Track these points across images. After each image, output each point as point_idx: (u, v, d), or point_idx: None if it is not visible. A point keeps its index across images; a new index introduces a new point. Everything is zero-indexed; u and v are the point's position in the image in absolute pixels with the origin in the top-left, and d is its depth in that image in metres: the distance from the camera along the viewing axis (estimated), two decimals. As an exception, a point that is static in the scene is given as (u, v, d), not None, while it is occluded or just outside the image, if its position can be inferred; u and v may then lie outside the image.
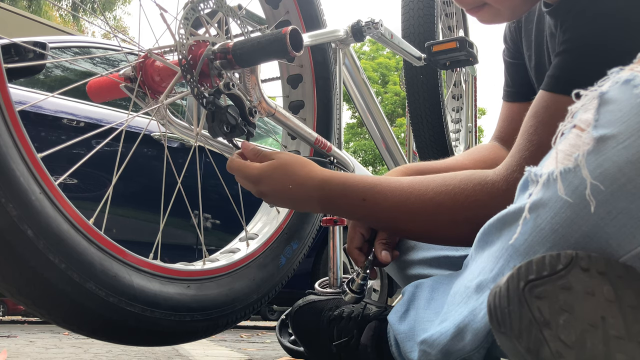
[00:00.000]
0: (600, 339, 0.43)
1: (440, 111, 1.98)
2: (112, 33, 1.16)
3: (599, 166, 0.46)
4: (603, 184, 0.46)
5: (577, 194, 0.47)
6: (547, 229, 0.50)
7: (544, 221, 0.50)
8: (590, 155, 0.47)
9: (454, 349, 0.62)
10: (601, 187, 0.46)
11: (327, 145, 1.19)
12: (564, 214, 0.49)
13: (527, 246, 0.52)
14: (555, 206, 0.49)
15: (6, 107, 0.68)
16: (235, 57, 0.88)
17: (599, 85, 0.49)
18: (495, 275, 0.58)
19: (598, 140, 0.46)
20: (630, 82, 0.47)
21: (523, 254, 0.53)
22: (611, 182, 0.45)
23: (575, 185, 0.48)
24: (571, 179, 0.48)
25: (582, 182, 0.47)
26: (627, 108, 0.46)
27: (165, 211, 1.02)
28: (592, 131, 0.47)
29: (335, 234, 1.21)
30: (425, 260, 0.87)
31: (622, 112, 0.46)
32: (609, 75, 0.49)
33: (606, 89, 0.48)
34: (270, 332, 3.34)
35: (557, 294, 0.45)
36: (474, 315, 0.59)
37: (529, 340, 0.45)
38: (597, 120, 0.47)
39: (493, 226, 0.60)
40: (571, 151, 0.48)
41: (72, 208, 0.75)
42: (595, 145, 0.47)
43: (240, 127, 0.91)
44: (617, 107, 0.46)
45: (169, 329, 0.87)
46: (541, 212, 0.51)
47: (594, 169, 0.46)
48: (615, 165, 0.45)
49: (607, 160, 0.46)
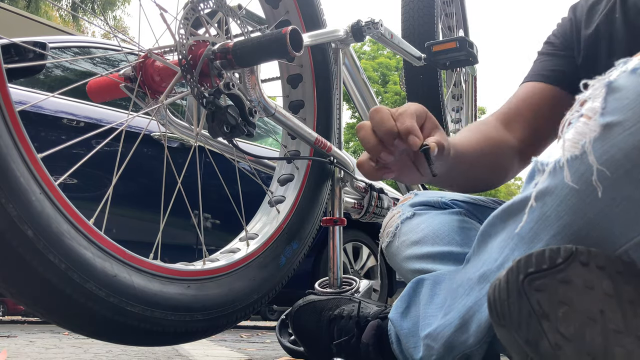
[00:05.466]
0: (598, 332, 0.44)
1: (440, 111, 1.98)
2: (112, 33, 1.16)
3: (605, 152, 0.46)
4: (609, 170, 0.46)
5: (583, 180, 0.48)
6: (552, 216, 0.51)
7: (550, 208, 0.51)
8: (596, 142, 0.47)
9: (458, 341, 0.62)
10: (607, 172, 0.46)
11: (327, 145, 1.19)
12: (569, 201, 0.49)
13: (532, 234, 0.53)
14: (561, 193, 0.50)
15: (6, 107, 0.68)
16: (235, 57, 0.88)
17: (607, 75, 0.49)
18: (500, 265, 0.58)
19: (605, 127, 0.47)
20: (637, 71, 0.47)
21: (528, 242, 0.53)
22: (617, 168, 0.46)
23: (581, 172, 0.48)
24: (577, 165, 0.48)
25: (588, 168, 0.47)
26: (634, 95, 0.46)
27: (165, 211, 1.02)
28: (599, 118, 0.47)
29: (335, 234, 1.21)
30: (430, 255, 0.87)
31: (629, 100, 0.46)
32: (617, 65, 0.50)
33: (614, 78, 0.48)
34: (270, 332, 3.34)
35: (557, 287, 0.45)
36: (478, 306, 0.59)
37: (528, 332, 0.45)
38: (604, 108, 0.48)
39: (497, 218, 0.60)
40: (578, 139, 0.49)
41: (72, 208, 0.75)
42: (601, 132, 0.47)
43: (240, 127, 0.91)
44: (624, 95, 0.47)
45: (169, 328, 0.87)
46: (547, 200, 0.51)
47: (600, 155, 0.47)
48: (622, 151, 0.45)
49: (613, 146, 0.46)
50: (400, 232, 0.93)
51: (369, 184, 1.41)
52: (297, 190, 1.24)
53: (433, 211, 0.93)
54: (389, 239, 0.95)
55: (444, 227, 0.87)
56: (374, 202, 1.41)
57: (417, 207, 0.96)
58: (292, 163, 1.28)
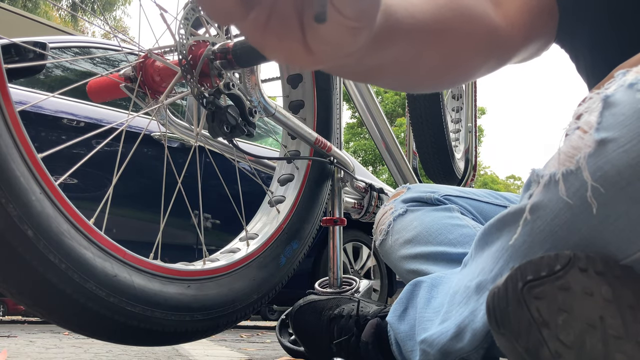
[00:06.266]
0: (599, 338, 0.44)
1: (440, 111, 1.98)
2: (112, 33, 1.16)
3: (599, 169, 0.46)
4: (603, 186, 0.46)
5: (578, 196, 0.47)
6: (546, 231, 0.50)
7: (544, 223, 0.50)
8: (591, 158, 0.47)
9: (453, 349, 0.62)
10: (601, 189, 0.46)
11: (327, 145, 1.19)
12: (563, 216, 0.49)
13: (526, 247, 0.53)
14: (555, 208, 0.49)
15: (6, 107, 0.68)
16: (235, 57, 0.88)
17: (605, 88, 0.49)
18: (495, 276, 0.58)
19: (599, 143, 0.46)
20: (634, 86, 0.47)
21: (522, 255, 0.53)
22: (611, 185, 0.45)
23: (576, 187, 0.48)
24: (572, 180, 0.48)
25: (582, 184, 0.47)
26: (630, 112, 0.46)
27: (165, 211, 1.02)
28: (594, 133, 0.47)
29: (335, 234, 1.21)
30: (423, 255, 0.87)
31: (625, 116, 0.46)
32: (615, 78, 0.49)
33: (611, 92, 0.48)
34: (270, 332, 3.34)
35: (556, 294, 0.45)
36: (474, 316, 0.59)
37: (528, 340, 0.45)
38: (599, 123, 0.47)
39: (493, 226, 0.60)
40: (573, 153, 0.48)
41: (72, 208, 0.75)
42: (596, 148, 0.46)
43: (241, 127, 0.91)
44: (620, 111, 0.46)
45: (169, 328, 0.87)
46: (542, 213, 0.51)
47: (595, 171, 0.46)
48: (615, 169, 0.45)
49: (607, 163, 0.46)
50: (392, 230, 0.93)
51: (369, 183, 1.41)
52: (297, 190, 1.24)
53: (426, 207, 0.93)
54: (382, 236, 0.95)
55: (436, 226, 0.87)
56: (374, 202, 1.41)
57: (409, 204, 0.95)
58: (292, 163, 1.28)
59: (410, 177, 1.79)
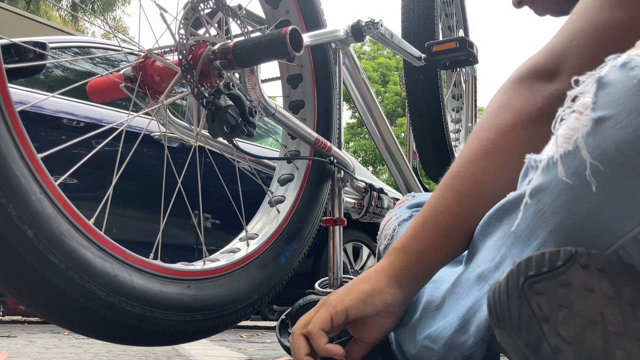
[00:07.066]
0: (599, 335, 0.44)
1: (440, 111, 1.98)
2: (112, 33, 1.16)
3: (598, 147, 0.47)
4: (602, 164, 0.46)
5: (577, 175, 0.48)
6: (548, 213, 0.51)
7: (545, 205, 0.51)
8: (589, 137, 0.47)
9: (457, 342, 0.62)
10: (600, 167, 0.46)
11: (327, 145, 1.19)
12: (564, 197, 0.49)
13: (529, 232, 0.53)
14: (555, 189, 0.50)
15: (6, 107, 0.68)
16: (235, 57, 0.88)
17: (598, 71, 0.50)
18: (497, 264, 0.58)
19: (596, 122, 0.47)
20: (627, 65, 0.48)
21: (524, 240, 0.53)
22: (610, 162, 0.46)
23: (575, 167, 0.48)
24: (571, 161, 0.49)
25: (581, 163, 0.47)
26: (624, 89, 0.47)
27: (165, 211, 1.03)
28: (591, 113, 0.48)
29: (335, 234, 1.21)
30: None
31: (620, 94, 0.47)
32: (607, 61, 0.50)
33: (604, 73, 0.49)
34: (270, 332, 3.34)
35: (557, 290, 0.45)
36: (478, 306, 0.59)
37: (528, 335, 0.45)
38: (595, 103, 0.48)
39: (493, 216, 0.60)
40: (570, 134, 0.49)
41: (72, 208, 0.75)
42: (593, 127, 0.47)
43: (241, 127, 0.91)
44: (615, 89, 0.47)
45: (169, 328, 0.87)
46: (542, 196, 0.51)
47: (593, 149, 0.47)
48: (614, 145, 0.46)
49: (605, 140, 0.46)
50: (397, 235, 0.93)
51: (369, 183, 1.41)
52: (297, 190, 1.24)
53: None
54: (387, 241, 0.96)
55: None
56: (374, 202, 1.41)
57: (414, 209, 0.96)
58: (292, 163, 1.28)
59: (410, 177, 1.79)
